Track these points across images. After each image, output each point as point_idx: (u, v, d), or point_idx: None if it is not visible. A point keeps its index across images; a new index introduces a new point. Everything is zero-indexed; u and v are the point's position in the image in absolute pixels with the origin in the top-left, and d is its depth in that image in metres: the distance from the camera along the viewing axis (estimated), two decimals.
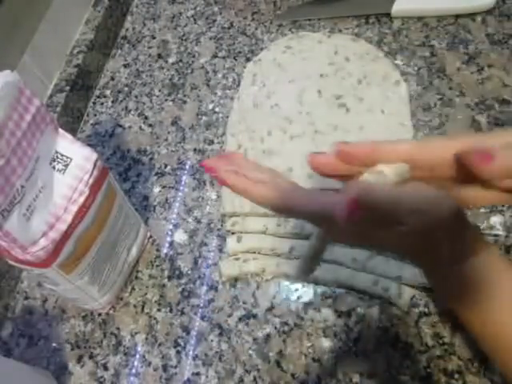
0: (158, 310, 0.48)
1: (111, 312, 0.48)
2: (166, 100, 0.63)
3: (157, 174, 0.57)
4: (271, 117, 0.56)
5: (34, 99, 0.34)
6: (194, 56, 0.66)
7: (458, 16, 0.62)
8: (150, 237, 0.52)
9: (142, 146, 0.59)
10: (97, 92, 0.66)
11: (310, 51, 0.61)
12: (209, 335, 0.46)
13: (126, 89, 0.65)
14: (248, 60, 0.64)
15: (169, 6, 0.73)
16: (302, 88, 0.57)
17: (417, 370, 0.42)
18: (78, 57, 0.63)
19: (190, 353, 0.45)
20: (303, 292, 0.47)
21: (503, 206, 0.48)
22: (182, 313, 0.47)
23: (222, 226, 0.52)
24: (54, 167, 0.37)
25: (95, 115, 0.63)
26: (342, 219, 0.23)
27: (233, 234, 0.50)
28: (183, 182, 0.56)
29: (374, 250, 0.46)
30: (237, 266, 0.48)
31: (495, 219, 0.47)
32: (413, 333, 0.43)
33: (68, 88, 0.60)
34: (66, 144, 0.37)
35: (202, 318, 0.47)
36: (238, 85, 0.61)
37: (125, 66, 0.67)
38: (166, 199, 0.55)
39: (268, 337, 0.45)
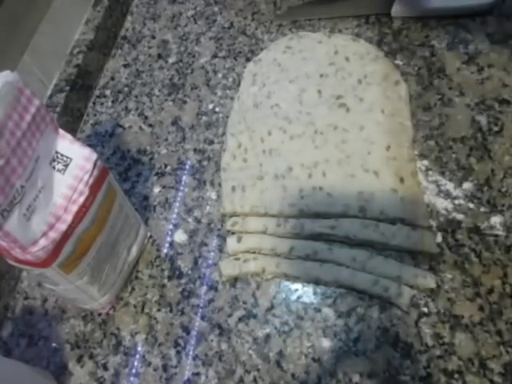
0: (158, 310, 0.48)
1: (111, 312, 0.48)
2: (166, 100, 0.63)
3: (157, 173, 0.57)
4: (271, 117, 0.56)
5: (33, 99, 0.34)
6: (194, 56, 0.66)
7: (457, 16, 0.62)
8: (150, 237, 0.52)
9: (142, 146, 0.59)
10: (97, 92, 0.66)
11: (310, 51, 0.60)
12: (209, 335, 0.46)
13: (126, 89, 0.65)
14: (248, 60, 0.64)
15: (169, 6, 0.73)
16: (301, 88, 0.57)
17: (417, 369, 0.42)
18: (78, 57, 0.63)
19: (190, 353, 0.45)
20: (303, 292, 0.47)
21: (503, 205, 0.48)
22: (182, 313, 0.47)
23: (222, 226, 0.52)
24: (54, 167, 0.37)
25: (95, 115, 0.63)
26: None
27: (233, 234, 0.50)
28: (183, 182, 0.56)
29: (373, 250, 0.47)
30: (237, 266, 0.48)
31: (495, 219, 0.47)
32: (413, 333, 0.43)
33: (68, 88, 0.60)
34: (66, 144, 0.37)
35: (202, 317, 0.47)
36: (238, 85, 0.61)
37: (125, 66, 0.68)
38: (166, 199, 0.55)
39: (268, 337, 0.45)
